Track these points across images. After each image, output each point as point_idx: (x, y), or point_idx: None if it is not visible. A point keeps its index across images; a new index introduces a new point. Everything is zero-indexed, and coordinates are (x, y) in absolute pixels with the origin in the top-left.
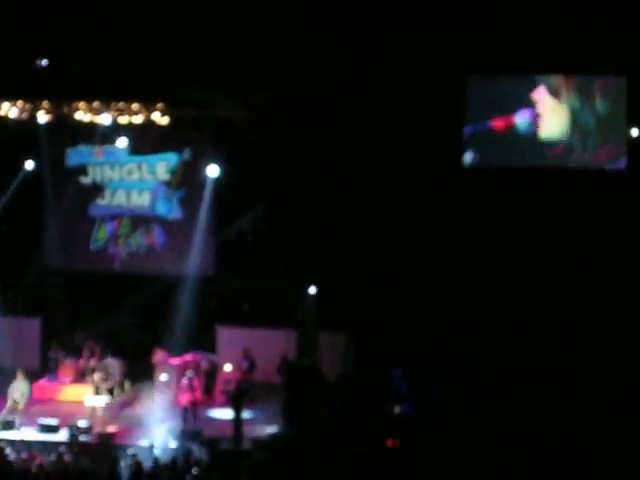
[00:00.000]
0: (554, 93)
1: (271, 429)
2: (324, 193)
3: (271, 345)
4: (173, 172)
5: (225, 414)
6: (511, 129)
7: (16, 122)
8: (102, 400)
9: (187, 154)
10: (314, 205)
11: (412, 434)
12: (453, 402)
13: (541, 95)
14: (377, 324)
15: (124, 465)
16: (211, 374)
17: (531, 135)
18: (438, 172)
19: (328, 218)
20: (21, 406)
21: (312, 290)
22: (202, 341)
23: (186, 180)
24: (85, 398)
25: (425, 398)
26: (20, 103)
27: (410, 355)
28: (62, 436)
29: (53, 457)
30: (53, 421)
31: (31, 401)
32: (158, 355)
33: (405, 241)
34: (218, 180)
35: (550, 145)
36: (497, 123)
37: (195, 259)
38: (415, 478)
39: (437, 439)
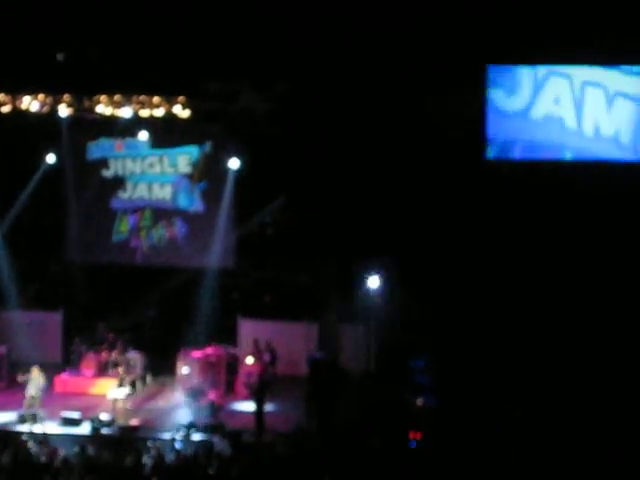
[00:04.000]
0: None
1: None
2: (345, 185)
3: (293, 337)
4: (194, 165)
5: (247, 407)
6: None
7: (37, 116)
8: (124, 393)
9: (208, 147)
10: (335, 198)
11: (435, 426)
12: (476, 393)
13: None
14: (397, 316)
15: (146, 458)
16: (232, 367)
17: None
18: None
19: (349, 210)
20: (38, 402)
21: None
22: (223, 334)
23: (207, 173)
24: (107, 391)
25: (448, 389)
26: (41, 97)
27: (432, 346)
28: (84, 429)
29: (76, 450)
30: (75, 414)
31: (52, 394)
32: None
33: (425, 232)
34: (239, 173)
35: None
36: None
37: (216, 251)
38: (438, 470)
39: (461, 431)
